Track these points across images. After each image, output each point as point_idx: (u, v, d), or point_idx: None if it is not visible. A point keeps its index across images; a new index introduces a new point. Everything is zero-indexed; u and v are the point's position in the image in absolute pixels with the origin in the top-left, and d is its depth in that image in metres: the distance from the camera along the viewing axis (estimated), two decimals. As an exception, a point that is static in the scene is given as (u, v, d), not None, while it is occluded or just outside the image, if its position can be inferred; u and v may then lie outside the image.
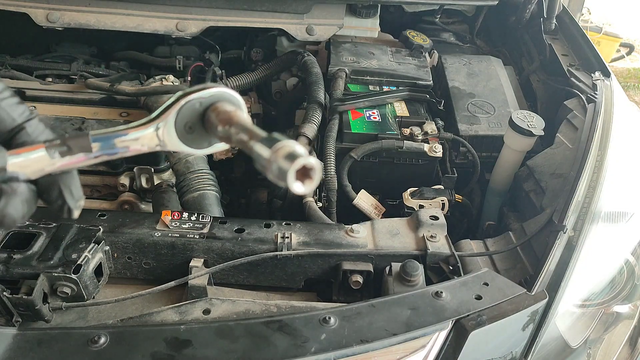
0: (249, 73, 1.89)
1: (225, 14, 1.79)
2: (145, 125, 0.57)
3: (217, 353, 0.86)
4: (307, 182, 0.50)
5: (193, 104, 0.57)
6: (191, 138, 0.58)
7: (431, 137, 1.55)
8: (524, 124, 1.43)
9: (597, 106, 1.49)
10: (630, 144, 1.50)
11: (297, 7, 1.81)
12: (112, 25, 1.76)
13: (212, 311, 1.01)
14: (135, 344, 0.86)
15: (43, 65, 1.95)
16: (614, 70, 3.73)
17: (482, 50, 2.16)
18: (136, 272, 1.18)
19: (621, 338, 1.29)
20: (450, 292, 1.00)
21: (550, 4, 1.96)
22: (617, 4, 5.75)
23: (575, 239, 1.12)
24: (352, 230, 1.20)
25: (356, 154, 1.48)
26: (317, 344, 0.88)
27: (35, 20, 1.72)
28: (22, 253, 1.04)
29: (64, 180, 0.58)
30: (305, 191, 0.50)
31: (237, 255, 1.14)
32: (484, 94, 1.74)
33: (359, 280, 1.12)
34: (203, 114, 0.57)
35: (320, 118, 1.59)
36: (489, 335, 0.97)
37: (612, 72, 1.70)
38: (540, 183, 1.35)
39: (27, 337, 0.86)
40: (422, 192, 1.41)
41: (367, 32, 1.97)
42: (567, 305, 1.10)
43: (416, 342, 0.93)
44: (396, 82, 1.75)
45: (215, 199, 1.43)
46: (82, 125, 1.54)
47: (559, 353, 1.13)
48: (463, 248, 1.22)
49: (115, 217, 1.19)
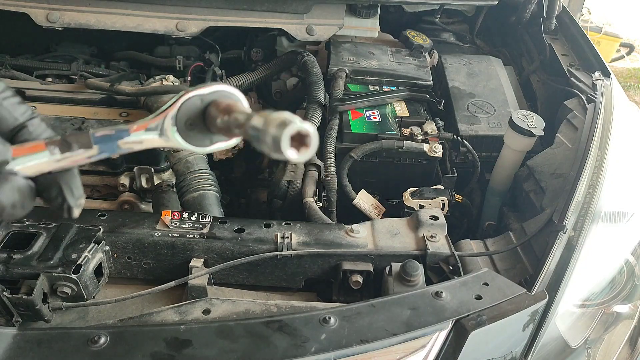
0: (249, 73, 1.89)
1: (225, 14, 1.79)
2: (147, 122, 0.57)
3: (217, 353, 0.86)
4: (302, 150, 0.49)
5: (194, 100, 0.57)
6: (192, 135, 0.57)
7: (431, 137, 1.55)
8: (524, 124, 1.43)
9: (597, 106, 1.49)
10: (630, 144, 1.50)
11: (297, 7, 1.80)
12: (112, 25, 1.76)
13: (212, 311, 1.01)
14: (135, 344, 0.86)
15: (43, 65, 1.95)
16: (614, 70, 3.73)
17: (482, 50, 2.16)
18: (136, 272, 1.18)
19: (621, 338, 1.29)
20: (450, 292, 1.00)
21: (550, 4, 1.96)
22: (617, 4, 5.75)
23: (575, 239, 1.12)
24: (352, 230, 1.20)
25: (356, 154, 1.48)
26: (317, 344, 0.88)
27: (35, 20, 1.71)
28: (22, 253, 1.04)
29: (64, 179, 0.58)
30: (301, 158, 0.49)
31: (237, 255, 1.14)
32: (484, 94, 1.74)
33: (359, 280, 1.12)
34: (204, 110, 0.57)
35: (320, 118, 1.59)
36: (489, 335, 0.97)
37: (612, 72, 1.70)
38: (540, 183, 1.35)
39: (27, 337, 0.86)
40: (422, 192, 1.41)
41: (367, 32, 1.97)
42: (567, 305, 1.10)
43: (416, 342, 0.93)
44: (396, 82, 1.75)
45: (215, 199, 1.43)
46: (82, 125, 1.54)
47: (559, 353, 1.13)
48: (463, 248, 1.22)
49: (115, 217, 1.19)
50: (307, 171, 1.48)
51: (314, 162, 1.49)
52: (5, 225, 1.10)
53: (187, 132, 0.57)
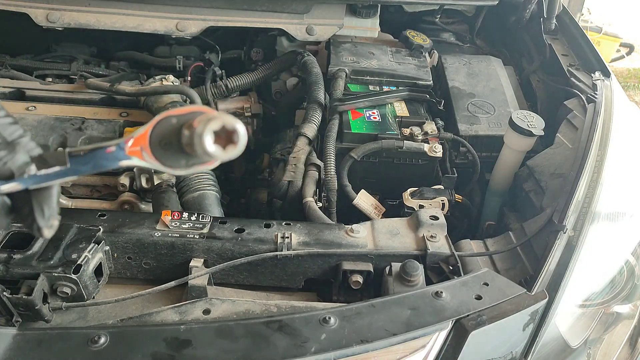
0: (249, 73, 1.89)
1: (225, 14, 1.79)
2: (123, 140, 0.56)
3: (217, 353, 0.86)
4: (229, 147, 0.48)
5: (169, 119, 0.56)
6: (168, 156, 0.56)
7: (431, 137, 1.55)
8: (524, 124, 1.43)
9: (597, 106, 1.49)
10: (630, 144, 1.50)
11: (297, 7, 1.81)
12: (112, 25, 1.76)
13: (212, 311, 1.01)
14: (135, 344, 0.86)
15: (43, 65, 1.95)
16: (614, 70, 3.73)
17: (482, 50, 2.16)
18: (136, 272, 1.18)
19: (621, 338, 1.29)
20: (450, 292, 1.00)
21: (550, 4, 1.96)
22: (617, 4, 5.75)
23: (575, 239, 1.12)
24: (352, 230, 1.20)
25: (356, 154, 1.48)
26: (317, 344, 0.88)
27: (35, 20, 1.72)
28: (22, 253, 1.04)
29: (38, 198, 0.58)
30: (224, 155, 0.48)
31: (237, 255, 1.14)
32: (484, 94, 1.74)
33: (359, 280, 1.12)
34: (179, 130, 0.55)
35: (320, 118, 1.59)
36: (489, 335, 0.97)
37: (612, 72, 1.70)
38: (540, 183, 1.35)
39: (27, 337, 0.86)
40: (422, 192, 1.41)
41: (367, 32, 1.97)
42: (567, 305, 1.10)
43: (416, 342, 0.93)
44: (396, 82, 1.75)
45: (215, 199, 1.43)
46: (82, 125, 1.54)
47: (559, 353, 1.13)
48: (463, 248, 1.22)
49: (115, 217, 1.19)
50: (307, 171, 1.48)
51: (314, 162, 1.49)
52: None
53: (161, 152, 0.56)
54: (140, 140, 0.56)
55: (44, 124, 1.53)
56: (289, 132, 1.82)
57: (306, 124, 1.55)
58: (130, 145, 0.56)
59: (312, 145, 1.56)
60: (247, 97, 1.95)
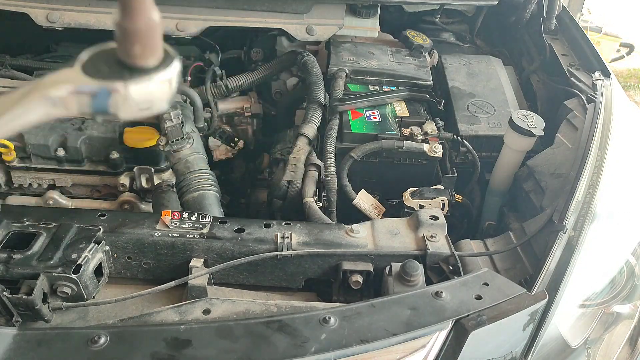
0: (249, 73, 1.89)
1: (225, 14, 1.79)
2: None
3: (217, 353, 0.86)
4: None
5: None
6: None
7: (431, 137, 1.55)
8: (524, 124, 1.43)
9: (597, 106, 1.49)
10: (630, 144, 1.50)
11: (297, 7, 1.80)
12: (112, 25, 1.75)
13: (212, 311, 1.01)
14: (135, 344, 0.86)
15: (43, 65, 1.94)
16: (614, 70, 3.73)
17: (482, 50, 2.16)
18: (136, 272, 1.18)
19: (621, 338, 1.29)
20: (450, 292, 1.00)
21: (550, 4, 1.96)
22: (617, 4, 5.75)
23: (575, 239, 1.12)
24: (352, 230, 1.20)
25: (356, 154, 1.48)
26: (317, 344, 0.88)
27: (35, 20, 1.71)
28: (22, 253, 1.04)
29: None
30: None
31: (237, 255, 1.14)
32: (484, 94, 1.74)
33: (359, 280, 1.12)
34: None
35: (320, 118, 1.59)
36: (489, 335, 0.97)
37: (612, 72, 1.70)
38: (540, 183, 1.35)
39: (27, 337, 0.86)
40: (422, 192, 1.41)
41: (367, 32, 1.97)
42: (567, 305, 1.10)
43: (416, 342, 0.93)
44: (396, 82, 1.75)
45: (215, 199, 1.43)
46: (82, 125, 1.54)
47: (559, 353, 1.13)
48: (463, 248, 1.22)
49: (115, 217, 1.19)
50: (307, 171, 1.48)
51: (314, 162, 1.50)
52: (5, 225, 1.11)
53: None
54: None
55: (44, 124, 1.53)
56: (289, 132, 1.82)
57: (306, 124, 1.55)
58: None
59: (312, 145, 1.56)
60: (247, 97, 1.95)
